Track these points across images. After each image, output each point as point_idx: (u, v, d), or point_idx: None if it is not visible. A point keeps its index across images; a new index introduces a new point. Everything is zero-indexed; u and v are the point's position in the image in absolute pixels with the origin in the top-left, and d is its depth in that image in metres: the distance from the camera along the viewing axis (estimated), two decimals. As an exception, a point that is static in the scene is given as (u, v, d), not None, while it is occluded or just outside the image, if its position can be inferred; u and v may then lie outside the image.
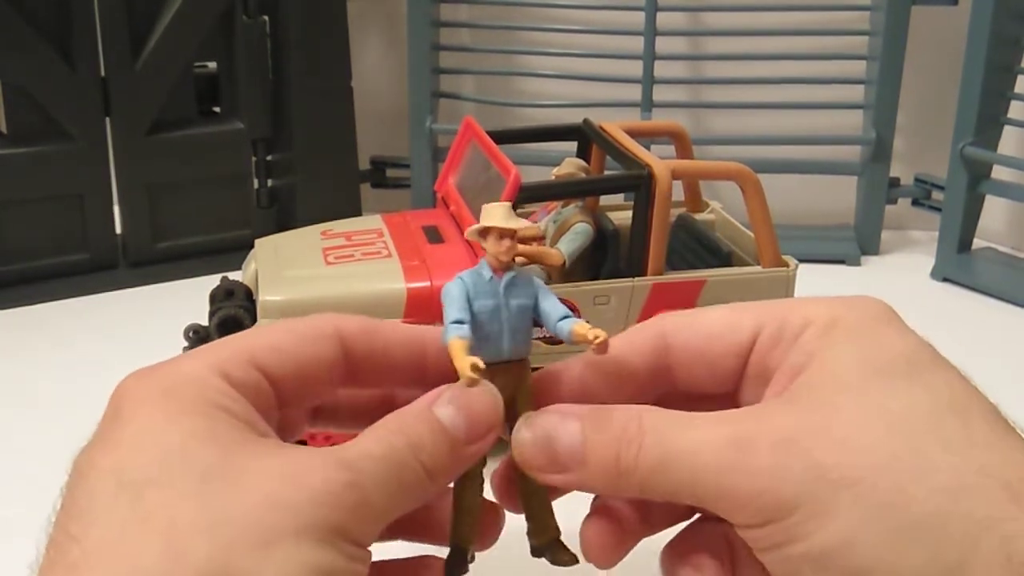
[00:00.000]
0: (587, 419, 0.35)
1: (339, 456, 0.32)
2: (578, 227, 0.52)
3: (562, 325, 0.36)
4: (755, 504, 0.32)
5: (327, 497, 0.30)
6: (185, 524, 0.28)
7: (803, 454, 0.32)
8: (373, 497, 0.32)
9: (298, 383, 0.35)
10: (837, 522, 0.31)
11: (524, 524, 0.39)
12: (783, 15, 0.83)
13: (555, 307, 0.37)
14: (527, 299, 0.37)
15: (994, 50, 0.75)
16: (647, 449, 0.33)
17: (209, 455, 0.30)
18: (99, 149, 0.70)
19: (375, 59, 0.90)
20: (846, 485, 0.31)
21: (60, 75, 0.68)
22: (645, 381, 0.38)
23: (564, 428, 0.35)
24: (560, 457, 0.35)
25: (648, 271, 0.51)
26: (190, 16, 0.71)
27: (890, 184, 0.83)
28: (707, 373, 0.38)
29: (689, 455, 0.33)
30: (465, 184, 0.57)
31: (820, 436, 0.32)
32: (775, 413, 0.34)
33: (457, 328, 0.35)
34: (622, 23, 0.84)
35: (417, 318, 0.50)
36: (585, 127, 0.59)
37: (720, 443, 0.33)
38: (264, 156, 0.77)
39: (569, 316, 0.36)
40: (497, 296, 0.36)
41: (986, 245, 0.84)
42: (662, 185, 0.51)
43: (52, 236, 0.70)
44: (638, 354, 0.38)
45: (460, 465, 0.35)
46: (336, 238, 0.55)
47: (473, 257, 0.51)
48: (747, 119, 0.86)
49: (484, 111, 0.89)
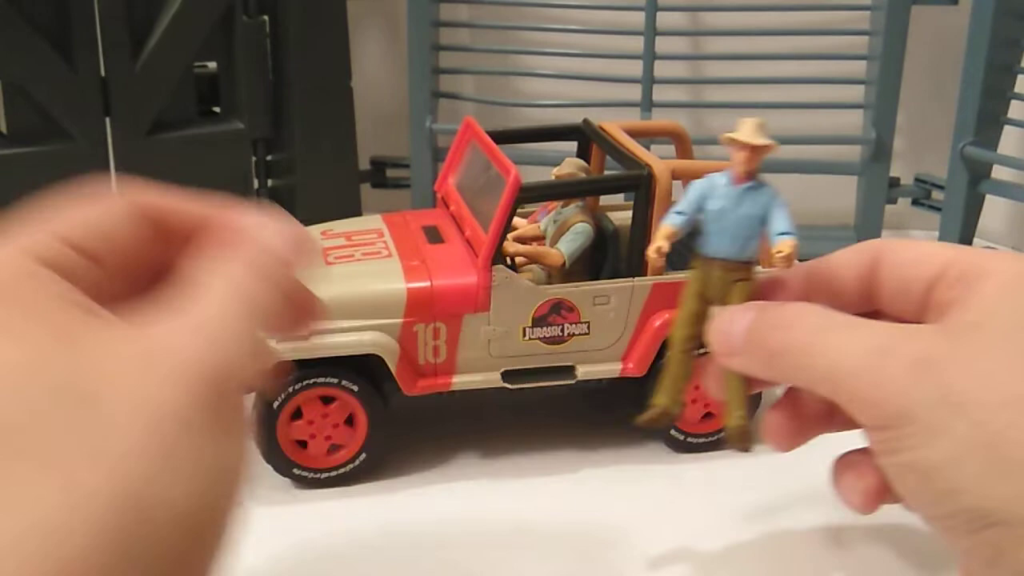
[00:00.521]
0: (759, 310, 0.39)
1: (188, 320, 0.28)
2: (578, 227, 0.52)
3: (778, 239, 0.40)
4: (878, 408, 0.35)
5: (190, 373, 0.27)
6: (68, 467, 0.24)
7: (936, 375, 0.34)
8: (231, 349, 0.28)
9: (115, 256, 0.32)
10: (945, 442, 0.34)
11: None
12: (783, 15, 0.83)
13: (779, 222, 0.41)
14: (756, 210, 0.41)
15: (994, 50, 0.75)
16: (796, 335, 0.37)
17: (55, 365, 0.26)
18: (99, 149, 0.70)
19: (375, 59, 0.90)
20: (965, 412, 0.34)
21: (60, 75, 0.68)
22: (856, 296, 0.42)
23: (740, 316, 0.39)
24: (732, 340, 0.39)
25: (648, 271, 0.52)
26: (190, 16, 0.71)
27: (890, 184, 0.83)
28: (902, 298, 0.41)
29: (833, 350, 0.36)
30: (465, 184, 0.57)
31: (959, 363, 0.35)
32: (926, 334, 0.36)
33: (672, 217, 0.42)
34: (622, 23, 0.84)
35: (418, 318, 0.50)
36: (585, 127, 0.59)
37: (864, 347, 0.36)
38: (264, 156, 0.77)
39: (788, 233, 0.40)
40: (728, 200, 0.41)
41: (986, 245, 0.84)
42: (662, 185, 0.51)
43: (52, 236, 0.70)
44: (852, 268, 0.41)
45: (286, 278, 0.32)
46: (336, 238, 0.56)
47: (471, 255, 0.51)
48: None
49: (484, 111, 0.89)
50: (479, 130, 0.56)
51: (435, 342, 0.51)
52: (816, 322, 0.38)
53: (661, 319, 0.52)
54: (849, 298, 0.42)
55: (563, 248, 0.52)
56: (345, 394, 0.51)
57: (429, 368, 0.51)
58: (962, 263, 0.39)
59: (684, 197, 0.42)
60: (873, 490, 0.40)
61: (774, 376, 0.40)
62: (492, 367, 0.52)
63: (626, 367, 0.53)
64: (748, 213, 0.41)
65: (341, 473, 0.52)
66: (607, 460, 0.54)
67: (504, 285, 0.50)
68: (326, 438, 0.51)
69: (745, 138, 0.41)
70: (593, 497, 0.51)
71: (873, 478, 0.40)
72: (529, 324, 0.51)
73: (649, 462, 0.54)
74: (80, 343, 0.27)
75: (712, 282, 0.41)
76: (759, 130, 0.41)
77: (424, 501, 0.51)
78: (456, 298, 0.51)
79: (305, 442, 0.51)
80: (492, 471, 0.53)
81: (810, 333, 0.37)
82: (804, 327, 0.38)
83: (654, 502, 0.51)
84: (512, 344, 0.51)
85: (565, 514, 0.50)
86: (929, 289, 0.40)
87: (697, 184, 0.42)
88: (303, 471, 0.51)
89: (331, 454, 0.51)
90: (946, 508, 0.34)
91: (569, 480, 0.53)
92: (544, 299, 0.51)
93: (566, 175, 0.53)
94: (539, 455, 0.54)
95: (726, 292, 0.41)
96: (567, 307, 0.51)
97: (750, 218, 0.41)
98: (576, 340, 0.52)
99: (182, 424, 0.26)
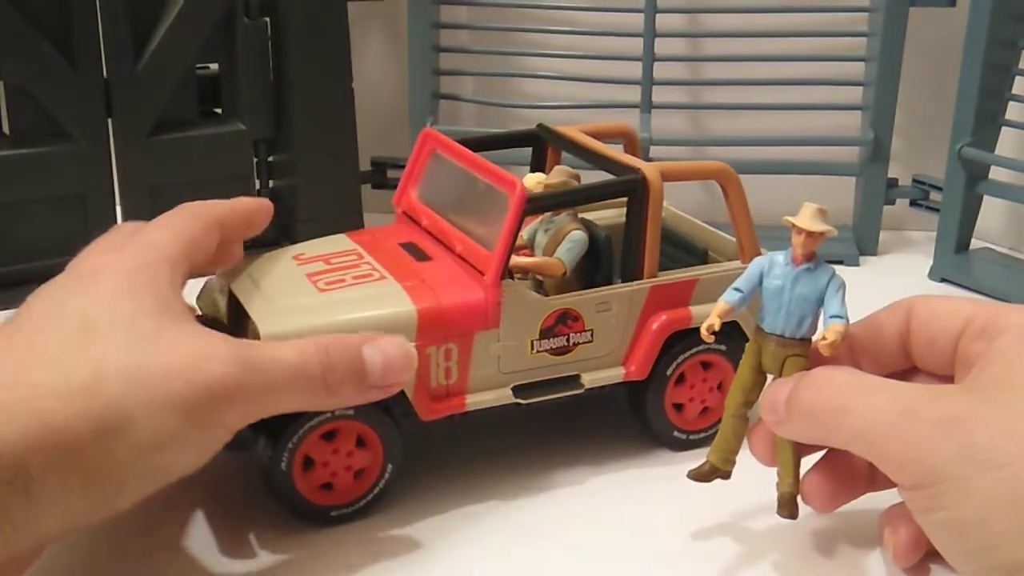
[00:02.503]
0: (798, 378, 0.42)
1: (244, 354, 0.40)
2: (573, 235, 0.52)
3: (829, 321, 0.43)
4: (909, 468, 0.37)
5: (216, 388, 0.39)
6: (111, 365, 0.38)
7: (961, 434, 0.36)
8: (258, 396, 0.41)
9: (204, 264, 0.48)
10: (975, 499, 0.35)
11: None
12: (782, 17, 0.83)
13: (833, 305, 0.43)
14: (812, 291, 0.43)
15: (991, 51, 0.75)
16: (829, 397, 0.40)
17: (148, 326, 0.40)
18: (101, 150, 0.70)
19: (376, 61, 0.91)
20: (992, 468, 0.35)
21: (62, 76, 0.68)
22: (896, 355, 0.45)
23: (783, 386, 0.42)
24: (778, 408, 0.42)
25: (644, 274, 0.52)
26: (192, 18, 0.71)
27: (888, 185, 0.83)
28: (931, 351, 0.44)
29: (864, 412, 0.39)
30: (437, 198, 0.55)
31: (983, 421, 0.37)
32: (950, 394, 0.39)
33: (730, 294, 0.45)
34: (622, 25, 0.84)
35: (430, 340, 0.48)
36: (542, 131, 0.59)
37: (893, 409, 0.38)
38: (265, 157, 0.77)
39: (839, 316, 0.43)
40: (786, 279, 0.44)
41: (984, 245, 0.84)
42: (655, 188, 0.51)
43: (54, 237, 0.70)
44: (891, 326, 0.45)
45: (359, 397, 0.44)
46: (313, 262, 0.52)
47: (469, 271, 0.50)
48: (746, 120, 0.86)
49: (484, 112, 0.90)
50: (450, 142, 0.55)
51: (447, 363, 0.49)
52: (847, 383, 0.40)
53: (658, 321, 0.52)
54: (891, 358, 0.45)
55: (563, 257, 0.52)
56: (356, 424, 0.48)
57: (442, 390, 0.50)
58: (982, 317, 0.42)
59: (745, 274, 0.45)
60: (909, 544, 0.43)
61: (814, 438, 0.42)
62: (502, 383, 0.50)
63: (628, 371, 0.52)
64: (804, 293, 0.44)
65: (375, 494, 0.49)
66: (609, 460, 0.54)
67: (513, 300, 0.49)
68: (346, 468, 0.49)
69: (803, 224, 0.43)
70: (597, 500, 0.51)
71: (907, 533, 0.43)
72: (537, 337, 0.50)
73: (650, 465, 0.54)
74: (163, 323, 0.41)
75: (767, 355, 0.45)
76: (818, 216, 0.43)
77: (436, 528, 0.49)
78: (466, 316, 0.49)
79: (330, 484, 0.49)
80: (498, 483, 0.52)
81: (842, 395, 0.40)
82: (835, 390, 0.40)
83: (657, 502, 0.50)
84: (521, 359, 0.50)
85: (566, 516, 0.50)
86: (954, 343, 0.42)
87: (757, 261, 0.45)
88: (340, 509, 0.49)
89: (358, 480, 0.49)
90: (981, 563, 0.36)
91: (570, 485, 0.52)
92: (550, 310, 0.50)
93: (558, 184, 0.52)
94: (541, 462, 0.54)
95: (780, 365, 0.44)
96: (572, 316, 0.51)
97: (806, 298, 0.44)
98: (581, 349, 0.51)
99: (176, 403, 0.39)
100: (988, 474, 0.35)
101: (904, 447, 0.38)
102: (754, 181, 0.81)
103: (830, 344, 0.42)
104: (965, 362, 0.42)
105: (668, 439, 0.55)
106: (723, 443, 0.46)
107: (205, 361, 0.39)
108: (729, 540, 0.48)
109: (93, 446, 0.36)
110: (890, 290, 0.79)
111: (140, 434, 0.37)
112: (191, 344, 0.40)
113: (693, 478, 0.47)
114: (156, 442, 0.38)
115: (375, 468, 0.49)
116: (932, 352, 0.44)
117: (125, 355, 0.38)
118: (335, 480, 0.48)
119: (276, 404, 0.42)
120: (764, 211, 0.58)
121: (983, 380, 0.39)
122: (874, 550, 0.47)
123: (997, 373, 0.39)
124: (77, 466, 0.36)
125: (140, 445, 0.37)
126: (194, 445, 0.40)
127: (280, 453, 0.47)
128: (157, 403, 0.38)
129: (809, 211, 0.43)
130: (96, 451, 0.37)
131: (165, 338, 0.40)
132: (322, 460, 0.48)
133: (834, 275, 0.44)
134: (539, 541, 0.48)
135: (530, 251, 0.54)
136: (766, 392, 0.44)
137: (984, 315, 0.42)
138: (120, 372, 0.38)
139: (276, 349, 0.42)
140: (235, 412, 0.40)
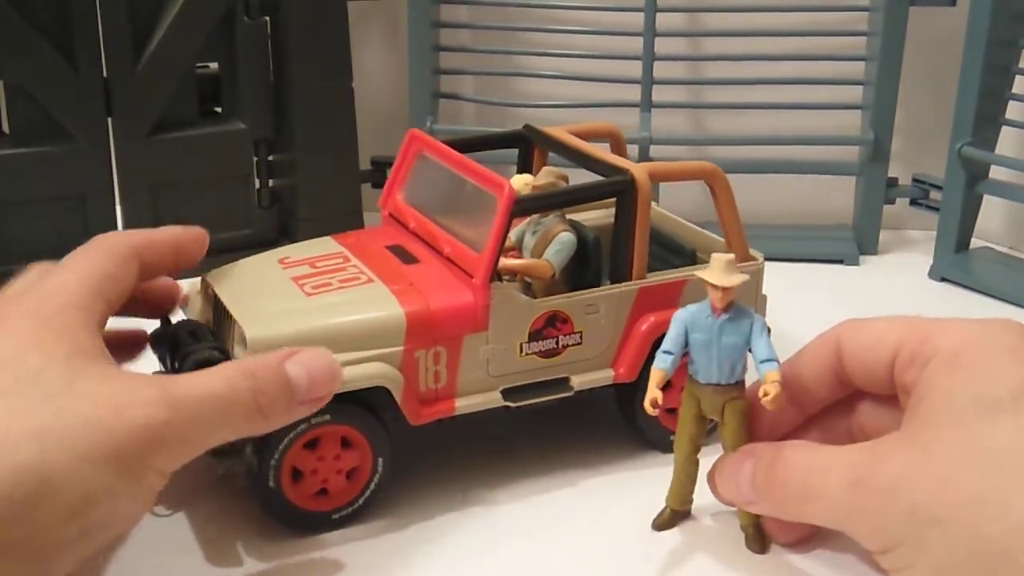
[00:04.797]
0: (755, 459, 0.44)
1: (169, 392, 0.38)
2: (562, 237, 0.52)
3: (761, 367, 0.44)
4: (872, 537, 0.40)
5: (142, 432, 0.37)
6: (20, 427, 0.35)
7: (905, 495, 0.38)
8: (189, 434, 0.39)
9: (122, 299, 0.45)
10: (930, 556, 0.37)
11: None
12: (782, 16, 0.83)
13: (761, 350, 0.44)
14: (738, 338, 0.45)
15: (992, 51, 0.75)
16: (792, 487, 0.42)
17: (58, 378, 0.37)
18: (101, 149, 0.71)
19: (376, 60, 0.91)
20: (935, 523, 0.37)
21: (62, 76, 0.68)
22: (832, 388, 0.46)
23: (741, 466, 0.45)
24: (744, 491, 0.44)
25: (633, 275, 0.52)
26: (192, 17, 0.71)
27: (888, 184, 0.83)
28: (870, 381, 0.45)
29: (823, 498, 0.41)
30: (423, 200, 0.55)
31: (921, 475, 0.38)
32: (890, 452, 0.40)
33: (662, 359, 0.45)
34: (622, 24, 0.84)
35: (419, 344, 0.48)
36: (529, 132, 0.59)
37: (844, 487, 0.40)
38: (265, 156, 0.77)
39: (771, 361, 0.44)
40: (711, 332, 0.45)
41: (984, 245, 0.84)
42: (643, 189, 0.51)
43: (54, 236, 0.70)
44: (818, 364, 0.46)
45: (288, 416, 0.42)
46: (298, 266, 0.52)
47: (457, 274, 0.50)
48: (746, 120, 0.86)
49: (484, 111, 0.90)
50: (437, 143, 0.55)
51: (436, 367, 0.49)
52: (803, 467, 0.42)
53: (647, 323, 0.52)
54: (827, 391, 0.46)
55: (551, 259, 0.52)
56: (336, 427, 0.48)
57: (431, 394, 0.49)
58: (910, 344, 0.42)
59: (668, 333, 0.46)
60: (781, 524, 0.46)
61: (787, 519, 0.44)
62: (491, 387, 0.50)
63: (618, 373, 0.52)
64: (731, 342, 0.45)
65: (372, 490, 0.49)
66: (601, 462, 0.54)
67: (502, 302, 0.49)
68: (312, 472, 0.48)
69: (715, 280, 0.44)
70: (589, 501, 0.51)
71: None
72: (526, 339, 0.50)
73: (641, 466, 0.54)
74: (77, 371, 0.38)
75: (706, 403, 0.46)
76: (728, 268, 0.44)
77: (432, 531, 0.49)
78: (455, 319, 0.49)
79: (325, 489, 0.49)
80: (491, 485, 0.52)
81: (801, 486, 0.42)
82: (795, 476, 0.42)
83: (649, 504, 0.50)
84: (510, 361, 0.50)
85: (559, 517, 0.50)
86: (889, 371, 0.43)
87: (679, 317, 0.46)
88: (341, 511, 0.49)
89: (351, 480, 0.49)
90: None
91: (563, 487, 0.53)
92: (539, 312, 0.50)
93: (546, 185, 0.52)
94: (533, 464, 0.54)
95: (720, 411, 0.46)
96: (561, 319, 0.51)
97: (734, 346, 0.45)
98: (570, 351, 0.51)
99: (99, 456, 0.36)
100: (933, 530, 0.37)
101: (863, 520, 0.39)
102: (754, 180, 0.81)
103: (773, 399, 0.43)
104: (903, 390, 0.43)
105: (658, 441, 0.55)
106: (678, 487, 0.48)
107: (127, 407, 0.37)
108: (723, 540, 0.48)
109: (9, 519, 0.34)
110: (890, 289, 0.79)
111: (65, 495, 0.35)
112: (108, 390, 0.37)
113: (657, 528, 0.48)
114: (85, 500, 0.35)
115: (366, 465, 0.49)
116: (871, 381, 0.45)
117: (35, 414, 0.36)
118: (328, 485, 0.48)
119: (210, 438, 0.40)
120: (764, 210, 0.58)
121: (915, 424, 0.40)
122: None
123: (927, 412, 0.40)
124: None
125: (68, 506, 0.35)
126: (128, 497, 0.37)
127: (265, 471, 0.47)
128: (80, 459, 0.35)
129: (720, 264, 0.44)
130: (13, 525, 0.34)
131: (79, 389, 0.37)
132: (310, 469, 0.48)
133: (755, 318, 0.45)
134: (532, 542, 0.48)
135: (518, 253, 0.54)
136: (725, 473, 0.46)
137: (912, 341, 0.42)
138: (32, 433, 0.35)
139: (202, 380, 0.40)
140: (167, 455, 0.38)
